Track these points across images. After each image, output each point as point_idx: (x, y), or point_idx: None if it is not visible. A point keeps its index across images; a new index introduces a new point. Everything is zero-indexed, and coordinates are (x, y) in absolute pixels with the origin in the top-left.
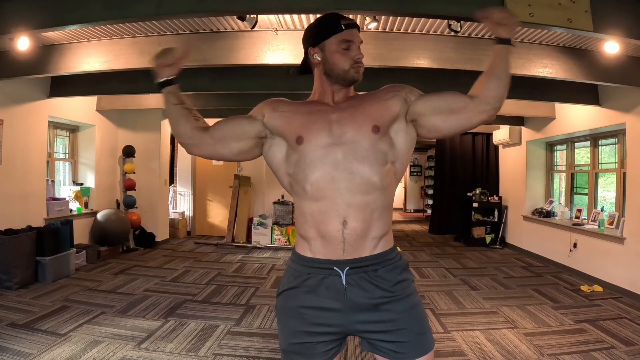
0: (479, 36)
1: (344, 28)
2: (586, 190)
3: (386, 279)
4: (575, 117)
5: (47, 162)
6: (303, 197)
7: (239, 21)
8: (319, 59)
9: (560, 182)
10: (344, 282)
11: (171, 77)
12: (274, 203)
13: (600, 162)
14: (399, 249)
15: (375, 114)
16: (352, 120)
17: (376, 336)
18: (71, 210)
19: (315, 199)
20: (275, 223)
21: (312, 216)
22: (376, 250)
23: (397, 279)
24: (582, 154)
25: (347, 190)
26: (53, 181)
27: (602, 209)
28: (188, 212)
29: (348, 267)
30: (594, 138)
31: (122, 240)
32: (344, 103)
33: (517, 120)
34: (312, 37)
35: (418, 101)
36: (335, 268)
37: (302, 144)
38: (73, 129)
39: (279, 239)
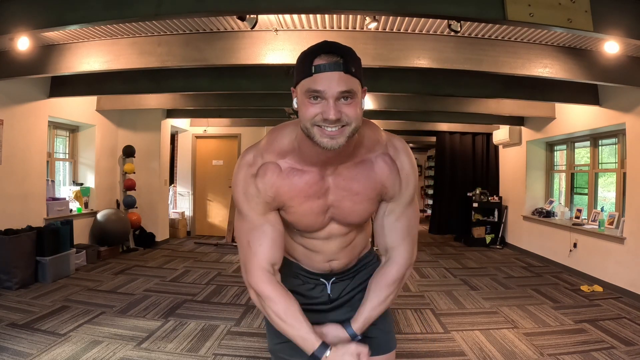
0: (479, 36)
1: (313, 72)
2: (586, 190)
3: (364, 279)
4: (575, 117)
5: (47, 162)
6: (293, 239)
7: (239, 21)
8: (296, 106)
9: (560, 182)
10: (328, 291)
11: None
12: None
13: (600, 162)
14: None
15: (367, 209)
16: (347, 212)
17: None
18: (71, 210)
19: (305, 247)
20: None
21: (300, 252)
22: (358, 259)
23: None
24: (582, 154)
25: (335, 246)
26: (53, 181)
27: (602, 209)
28: (188, 212)
29: (334, 278)
30: (594, 138)
31: (122, 240)
32: (339, 176)
33: (517, 120)
34: (295, 74)
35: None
36: (321, 279)
37: (303, 236)
38: (73, 129)
39: None
